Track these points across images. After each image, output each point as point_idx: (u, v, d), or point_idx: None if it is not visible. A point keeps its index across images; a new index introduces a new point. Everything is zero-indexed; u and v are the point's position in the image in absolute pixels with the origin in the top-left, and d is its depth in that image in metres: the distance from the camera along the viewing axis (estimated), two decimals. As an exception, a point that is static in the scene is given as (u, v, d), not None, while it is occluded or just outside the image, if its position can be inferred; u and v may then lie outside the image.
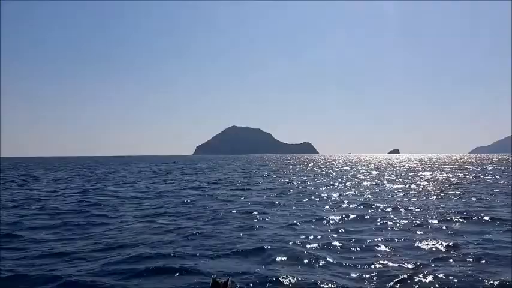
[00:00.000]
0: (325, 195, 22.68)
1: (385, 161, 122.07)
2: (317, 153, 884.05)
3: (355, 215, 15.07)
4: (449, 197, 21.18)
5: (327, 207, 17.97)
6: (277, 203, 19.54)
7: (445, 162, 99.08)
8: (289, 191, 25.63)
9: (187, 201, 20.08)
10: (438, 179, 36.33)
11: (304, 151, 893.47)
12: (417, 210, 16.39)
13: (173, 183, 34.02)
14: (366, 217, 14.80)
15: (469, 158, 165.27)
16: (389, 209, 16.67)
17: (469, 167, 66.77)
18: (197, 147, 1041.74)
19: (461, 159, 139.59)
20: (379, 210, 16.64)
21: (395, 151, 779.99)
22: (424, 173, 45.89)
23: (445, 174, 42.91)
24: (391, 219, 14.22)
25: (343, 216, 14.90)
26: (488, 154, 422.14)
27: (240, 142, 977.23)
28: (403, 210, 16.28)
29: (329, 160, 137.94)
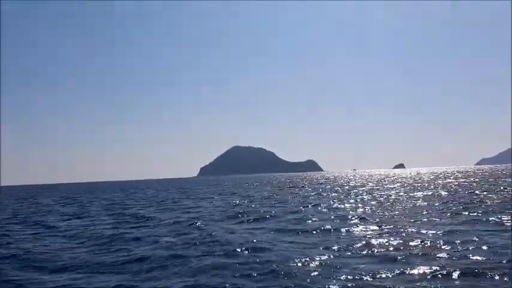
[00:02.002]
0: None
1: (404, 177, 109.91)
2: (322, 170, 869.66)
3: None
4: None
5: None
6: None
7: (474, 176, 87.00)
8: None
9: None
10: None
11: (309, 169, 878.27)
12: None
13: (117, 225, 22.57)
14: None
15: (492, 170, 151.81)
16: None
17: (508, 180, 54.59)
18: (201, 168, 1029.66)
19: (492, 172, 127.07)
20: None
21: (401, 165, 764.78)
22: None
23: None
24: None
25: None
26: (499, 165, 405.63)
27: (243, 162, 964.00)
28: None
29: (342, 178, 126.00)
